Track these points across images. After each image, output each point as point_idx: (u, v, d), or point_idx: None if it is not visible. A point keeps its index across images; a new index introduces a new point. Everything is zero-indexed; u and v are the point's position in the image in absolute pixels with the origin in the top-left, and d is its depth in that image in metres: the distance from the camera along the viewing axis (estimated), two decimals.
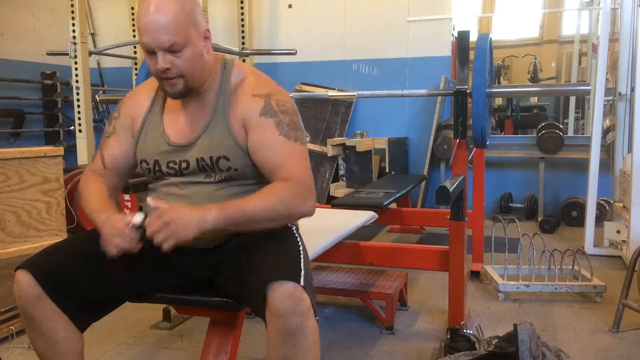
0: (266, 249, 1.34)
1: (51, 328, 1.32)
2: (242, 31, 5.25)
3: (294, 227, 1.51)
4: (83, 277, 1.35)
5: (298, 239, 1.43)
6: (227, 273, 1.40)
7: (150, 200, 1.32)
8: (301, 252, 1.36)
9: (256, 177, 1.43)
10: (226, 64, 1.46)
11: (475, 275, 3.06)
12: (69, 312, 1.33)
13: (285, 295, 1.17)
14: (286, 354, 1.19)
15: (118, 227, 1.30)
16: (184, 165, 1.42)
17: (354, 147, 4.33)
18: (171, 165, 1.43)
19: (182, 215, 1.25)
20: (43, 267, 1.31)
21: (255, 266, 1.29)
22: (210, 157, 1.40)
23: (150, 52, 1.33)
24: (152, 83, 1.53)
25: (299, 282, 1.20)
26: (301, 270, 1.26)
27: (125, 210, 3.96)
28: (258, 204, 1.30)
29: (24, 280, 1.29)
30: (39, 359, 1.39)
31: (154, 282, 1.46)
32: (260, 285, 1.21)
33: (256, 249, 1.35)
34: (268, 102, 1.39)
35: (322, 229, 2.19)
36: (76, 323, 1.35)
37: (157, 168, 1.45)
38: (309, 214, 1.38)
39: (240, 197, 1.37)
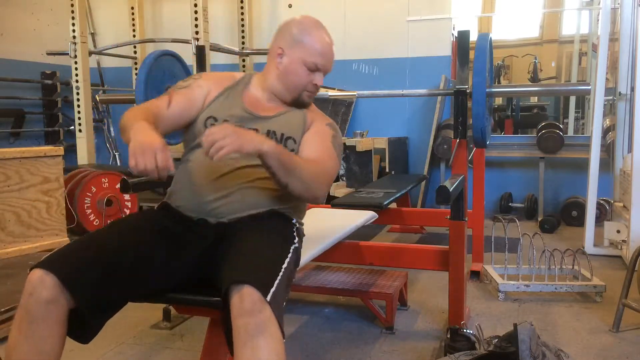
0: (257, 243, 1.34)
1: (44, 335, 1.22)
2: (242, 31, 5.25)
3: (295, 229, 1.51)
4: (105, 279, 1.28)
5: (291, 249, 1.40)
6: (219, 253, 1.39)
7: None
8: (284, 266, 1.31)
9: None
10: None
11: (475, 275, 3.06)
12: (85, 317, 1.26)
13: (244, 299, 1.14)
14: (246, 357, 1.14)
15: (156, 138, 1.22)
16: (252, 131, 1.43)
17: (354, 146, 4.33)
18: (239, 126, 1.41)
19: (245, 131, 1.33)
20: (67, 269, 1.23)
21: (236, 255, 1.28)
22: (282, 134, 1.55)
23: (314, 69, 1.59)
24: (234, 76, 1.69)
25: (265, 296, 1.15)
26: (273, 287, 1.20)
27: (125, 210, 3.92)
28: (302, 162, 1.44)
29: (43, 280, 1.20)
30: None
31: (167, 272, 1.40)
32: (226, 282, 1.19)
33: (251, 236, 1.36)
34: (335, 134, 1.63)
35: (322, 229, 2.19)
36: (86, 329, 1.29)
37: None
38: (320, 198, 1.51)
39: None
